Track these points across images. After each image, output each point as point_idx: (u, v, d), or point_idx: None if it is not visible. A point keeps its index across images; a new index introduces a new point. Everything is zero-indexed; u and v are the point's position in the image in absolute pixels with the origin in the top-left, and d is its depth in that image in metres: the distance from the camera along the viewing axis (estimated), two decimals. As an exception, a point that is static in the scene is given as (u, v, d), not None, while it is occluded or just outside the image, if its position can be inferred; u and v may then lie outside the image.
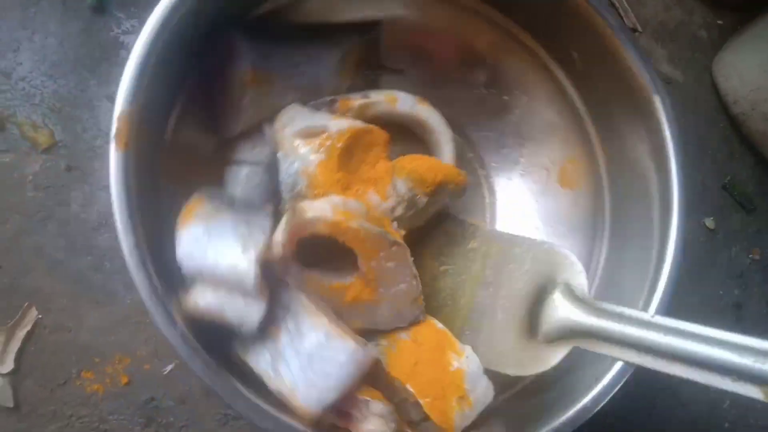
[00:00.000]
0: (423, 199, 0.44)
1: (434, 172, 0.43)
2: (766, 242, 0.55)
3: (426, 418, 0.38)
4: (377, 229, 0.37)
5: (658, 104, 0.40)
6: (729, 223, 0.54)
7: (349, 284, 0.39)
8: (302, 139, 0.42)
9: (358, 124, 0.43)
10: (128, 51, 0.49)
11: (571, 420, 0.36)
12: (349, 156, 0.43)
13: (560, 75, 0.48)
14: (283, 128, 0.43)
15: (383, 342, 0.40)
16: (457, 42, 0.49)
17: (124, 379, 0.45)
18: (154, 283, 0.33)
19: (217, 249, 0.33)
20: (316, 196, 0.40)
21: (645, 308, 0.39)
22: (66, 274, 0.46)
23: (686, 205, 0.40)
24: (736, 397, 0.32)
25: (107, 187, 0.36)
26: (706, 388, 0.34)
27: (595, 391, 0.37)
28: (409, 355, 0.40)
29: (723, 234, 0.54)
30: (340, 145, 0.42)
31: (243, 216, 0.36)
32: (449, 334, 0.41)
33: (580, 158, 0.49)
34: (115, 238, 0.32)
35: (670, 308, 0.38)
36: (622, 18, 0.57)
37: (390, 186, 0.44)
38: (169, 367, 0.45)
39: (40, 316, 0.45)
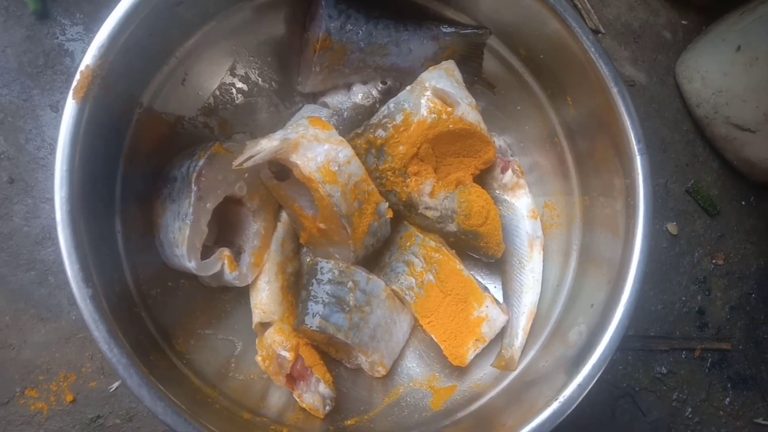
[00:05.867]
0: (453, 227, 0.44)
1: (482, 220, 0.44)
2: (729, 247, 0.54)
3: None
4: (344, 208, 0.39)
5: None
6: (692, 228, 0.54)
7: (309, 215, 0.41)
8: (432, 95, 0.42)
9: (482, 127, 0.43)
10: (73, 59, 0.49)
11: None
12: (449, 141, 0.43)
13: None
14: (431, 72, 0.43)
15: (411, 280, 0.43)
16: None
17: (70, 397, 0.44)
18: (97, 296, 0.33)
19: (174, 253, 0.40)
20: (392, 139, 0.42)
21: (609, 317, 0.38)
22: (8, 289, 0.44)
23: (651, 215, 0.39)
24: (698, 406, 0.31)
25: (51, 200, 0.35)
26: (666, 396, 0.32)
27: (553, 408, 0.36)
28: (434, 299, 0.43)
29: (686, 239, 0.53)
30: (450, 126, 0.42)
31: (175, 213, 0.40)
32: (473, 281, 0.43)
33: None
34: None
35: (633, 316, 0.38)
36: (584, 19, 0.55)
37: (445, 192, 0.44)
38: (116, 384, 0.44)
39: (-19, 334, 0.44)
